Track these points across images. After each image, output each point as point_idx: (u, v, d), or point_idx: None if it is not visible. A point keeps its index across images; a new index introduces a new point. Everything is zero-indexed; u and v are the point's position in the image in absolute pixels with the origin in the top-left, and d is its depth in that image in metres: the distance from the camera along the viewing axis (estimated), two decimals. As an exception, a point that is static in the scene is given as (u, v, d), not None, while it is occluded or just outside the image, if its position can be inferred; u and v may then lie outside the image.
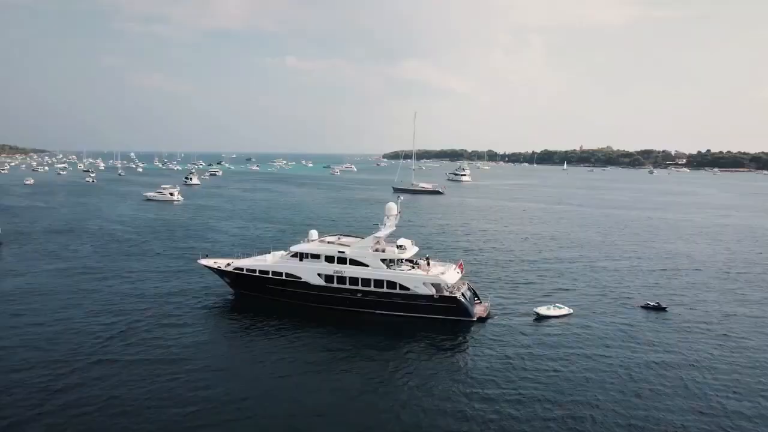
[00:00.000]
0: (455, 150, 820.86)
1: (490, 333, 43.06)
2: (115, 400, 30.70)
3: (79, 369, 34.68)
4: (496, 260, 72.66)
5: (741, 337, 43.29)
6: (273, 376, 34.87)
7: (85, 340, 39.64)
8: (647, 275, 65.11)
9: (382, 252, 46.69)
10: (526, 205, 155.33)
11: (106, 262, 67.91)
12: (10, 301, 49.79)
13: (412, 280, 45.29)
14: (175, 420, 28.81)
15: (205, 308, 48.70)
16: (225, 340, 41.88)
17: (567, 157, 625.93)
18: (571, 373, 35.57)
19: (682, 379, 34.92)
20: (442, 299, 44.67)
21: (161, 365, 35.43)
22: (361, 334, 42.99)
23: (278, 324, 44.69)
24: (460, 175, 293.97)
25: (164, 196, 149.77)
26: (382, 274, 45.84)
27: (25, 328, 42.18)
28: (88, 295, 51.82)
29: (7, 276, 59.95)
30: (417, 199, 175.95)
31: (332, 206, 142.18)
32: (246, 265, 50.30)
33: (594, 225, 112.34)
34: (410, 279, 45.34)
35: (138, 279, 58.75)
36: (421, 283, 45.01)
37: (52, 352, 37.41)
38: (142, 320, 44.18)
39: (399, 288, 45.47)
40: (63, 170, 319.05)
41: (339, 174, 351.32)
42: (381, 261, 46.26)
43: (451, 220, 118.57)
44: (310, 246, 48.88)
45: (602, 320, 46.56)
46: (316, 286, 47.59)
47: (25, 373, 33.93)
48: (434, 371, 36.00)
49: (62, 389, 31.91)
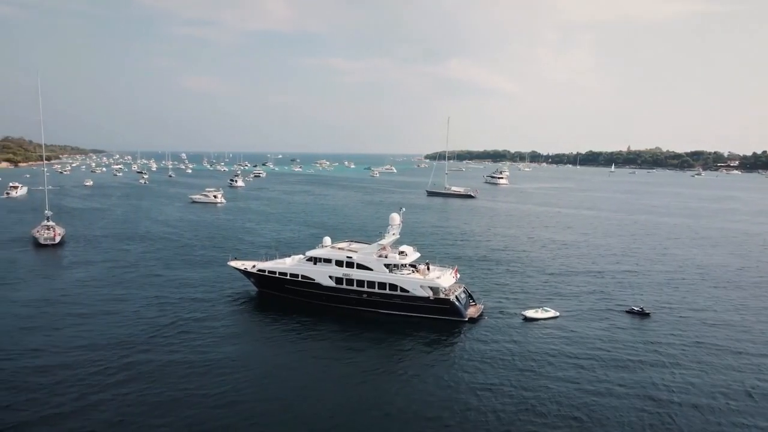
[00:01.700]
0: (498, 151, 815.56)
1: (478, 332, 48.13)
2: (157, 384, 37.41)
3: (126, 357, 41.84)
4: (507, 265, 76.89)
5: (714, 344, 46.69)
6: (288, 363, 41.22)
7: (132, 332, 46.73)
8: (650, 283, 68.03)
9: (385, 257, 52.44)
10: (556, 210, 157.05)
11: (151, 261, 76.28)
12: (69, 295, 58.26)
13: (411, 283, 50.84)
14: (208, 396, 35.37)
15: (233, 305, 55.64)
16: (249, 333, 48.51)
17: (612, 159, 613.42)
18: (540, 368, 40.37)
19: (636, 380, 39.21)
20: (437, 301, 50.03)
21: (194, 355, 42.05)
22: (365, 331, 48.76)
23: (295, 319, 51.07)
24: (497, 178, 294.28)
25: (208, 198, 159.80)
26: (384, 277, 51.61)
27: (77, 320, 50.13)
28: (133, 291, 59.68)
29: (69, 272, 69.00)
30: (449, 203, 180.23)
31: (364, 210, 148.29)
32: (268, 267, 57.09)
33: (618, 232, 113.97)
34: (409, 282, 50.90)
35: (178, 277, 66.47)
36: (419, 286, 50.51)
37: (101, 343, 44.63)
38: (180, 315, 51.35)
39: (399, 290, 51.11)
40: (119, 171, 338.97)
41: (378, 176, 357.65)
42: (384, 266, 52.03)
43: (475, 224, 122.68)
44: (322, 251, 55.21)
45: (584, 323, 50.75)
46: (328, 287, 53.83)
47: (78, 356, 41.51)
48: (426, 363, 41.58)
49: (110, 377, 39.09)
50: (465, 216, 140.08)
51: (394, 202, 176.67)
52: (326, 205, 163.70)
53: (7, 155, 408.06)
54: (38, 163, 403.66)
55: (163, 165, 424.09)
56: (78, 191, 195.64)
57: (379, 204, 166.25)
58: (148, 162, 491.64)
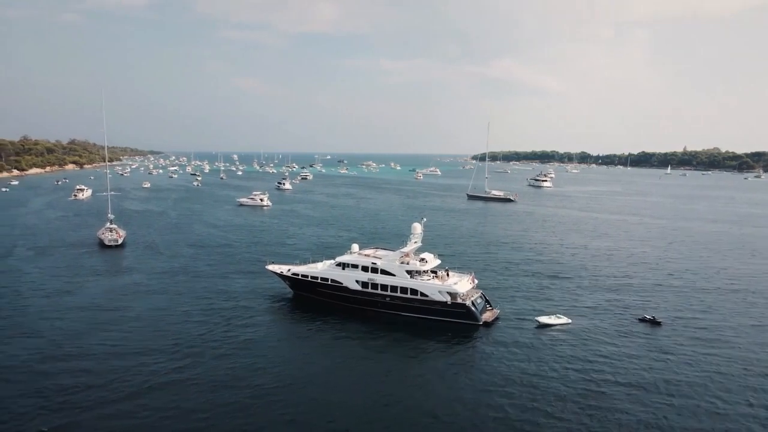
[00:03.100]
0: (546, 152, 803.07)
1: (491, 336, 51.78)
2: (209, 373, 43.28)
3: (175, 351, 47.91)
4: (534, 272, 79.37)
5: (721, 362, 48.75)
6: (318, 358, 46.27)
7: (182, 330, 52.72)
8: (674, 292, 69.18)
9: (407, 264, 56.82)
10: (596, 216, 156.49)
11: (200, 263, 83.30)
12: (126, 294, 65.60)
13: (430, 288, 55.02)
14: (252, 382, 40.88)
15: (271, 305, 61.31)
16: (284, 332, 53.97)
17: (667, 160, 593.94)
18: (542, 371, 43.80)
19: (629, 382, 42.10)
20: (453, 305, 53.99)
21: (238, 349, 47.63)
22: (388, 331, 53.13)
23: (324, 320, 56.12)
24: (540, 181, 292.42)
25: (255, 201, 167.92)
26: (406, 282, 55.99)
27: (130, 317, 56.93)
28: (183, 291, 66.26)
29: (127, 273, 76.66)
30: (489, 207, 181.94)
31: (402, 214, 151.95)
32: (301, 271, 62.52)
33: (656, 240, 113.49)
34: (429, 287, 55.09)
35: (223, 278, 72.87)
36: (437, 291, 54.62)
37: (153, 339, 51.00)
38: (222, 315, 57.18)
39: (419, 294, 55.36)
40: (174, 173, 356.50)
41: (421, 178, 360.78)
42: (406, 271, 56.39)
43: (511, 229, 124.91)
44: (350, 257, 60.10)
45: (595, 330, 53.47)
46: (354, 290, 58.70)
47: (134, 352, 47.93)
48: (441, 363, 45.80)
49: (163, 368, 45.26)
50: (502, 221, 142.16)
51: (433, 206, 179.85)
52: (367, 208, 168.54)
53: (73, 157, 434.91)
54: (101, 164, 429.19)
55: (216, 167, 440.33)
56: (137, 193, 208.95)
57: (418, 208, 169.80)
58: (201, 164, 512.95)
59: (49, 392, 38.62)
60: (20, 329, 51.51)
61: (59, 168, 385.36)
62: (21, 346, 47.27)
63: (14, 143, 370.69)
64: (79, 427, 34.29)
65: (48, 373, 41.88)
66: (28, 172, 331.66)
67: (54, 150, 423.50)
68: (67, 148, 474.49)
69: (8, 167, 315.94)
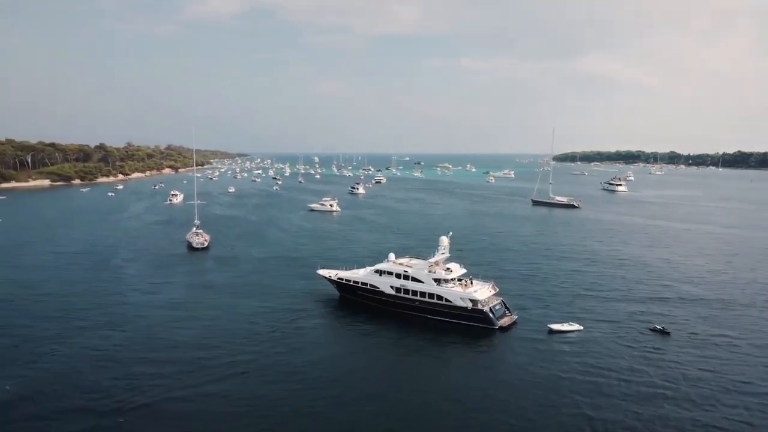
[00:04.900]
0: (631, 152, 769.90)
1: (504, 339, 58.67)
2: (273, 364, 53.76)
3: (244, 344, 58.77)
4: (572, 282, 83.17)
5: (715, 371, 52.81)
6: (359, 351, 55.86)
7: (250, 326, 62.90)
8: (711, 306, 71.34)
9: (434, 273, 64.78)
10: (662, 224, 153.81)
11: (269, 265, 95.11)
12: (207, 291, 78.14)
13: (453, 294, 62.64)
14: (308, 373, 50.79)
15: (319, 305, 71.36)
16: (332, 329, 63.93)
17: (766, 159, 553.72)
18: (541, 372, 50.38)
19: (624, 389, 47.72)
20: (473, 311, 61.29)
21: (292, 342, 57.65)
22: (417, 331, 61.42)
23: (364, 319, 65.32)
24: (615, 185, 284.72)
25: (325, 207, 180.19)
26: (433, 289, 63.95)
27: (208, 314, 68.80)
28: (253, 291, 77.49)
29: (210, 273, 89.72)
30: (552, 213, 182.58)
31: (461, 221, 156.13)
32: (345, 276, 72.06)
33: (716, 251, 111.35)
34: (452, 294, 62.73)
35: (286, 280, 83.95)
36: (459, 298, 62.13)
37: (225, 334, 61.97)
38: (284, 313, 67.29)
39: (444, 300, 63.10)
40: (257, 177, 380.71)
41: (493, 181, 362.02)
42: (433, 279, 64.36)
43: (565, 238, 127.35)
44: (386, 265, 68.91)
45: (603, 338, 58.72)
46: (389, 294, 67.39)
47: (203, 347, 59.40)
48: (459, 359, 54.04)
49: (235, 360, 56.30)
50: (559, 229, 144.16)
51: (495, 212, 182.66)
52: (431, 214, 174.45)
53: (170, 162, 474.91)
54: (193, 168, 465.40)
55: (297, 170, 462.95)
56: (222, 198, 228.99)
57: (479, 215, 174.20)
58: (283, 167, 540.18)
59: (137, 376, 48.78)
60: (119, 322, 63.72)
61: (157, 172, 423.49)
62: (118, 336, 58.99)
63: (120, 149, 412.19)
64: (160, 408, 43.39)
65: (137, 360, 52.28)
66: (131, 176, 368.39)
67: (153, 155, 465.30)
68: (164, 153, 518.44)
69: (114, 172, 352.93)
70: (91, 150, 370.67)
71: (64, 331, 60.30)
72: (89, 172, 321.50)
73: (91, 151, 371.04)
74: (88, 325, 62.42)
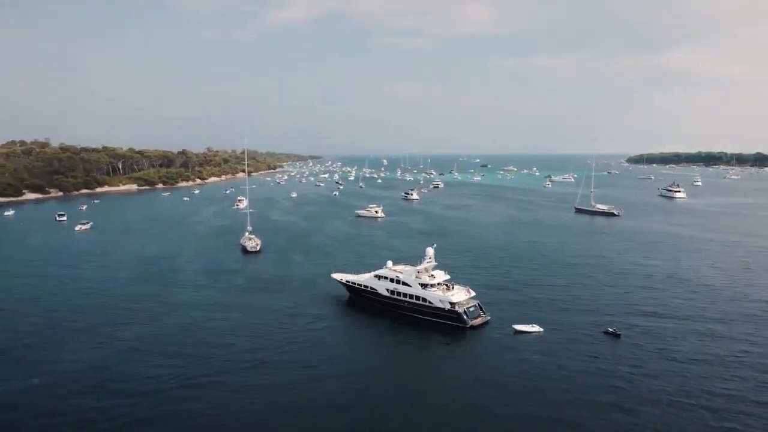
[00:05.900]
0: (712, 153, 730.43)
1: (472, 336, 70.15)
2: (288, 351, 68.83)
3: (274, 340, 74.11)
4: (576, 295, 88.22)
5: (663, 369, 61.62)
6: (360, 342, 69.99)
7: (278, 323, 76.83)
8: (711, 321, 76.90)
9: (420, 278, 77.21)
10: (700, 236, 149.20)
11: (307, 268, 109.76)
12: (252, 290, 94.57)
13: (434, 297, 74.70)
14: (324, 361, 65.40)
15: (332, 304, 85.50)
16: (340, 324, 77.56)
17: None
18: (497, 365, 61.83)
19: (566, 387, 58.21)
20: (450, 311, 73.10)
21: (307, 334, 71.54)
22: (405, 326, 74.28)
23: (368, 317, 78.86)
24: (673, 191, 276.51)
25: (370, 213, 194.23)
26: (418, 292, 76.25)
27: (249, 314, 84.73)
28: (288, 290, 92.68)
29: (261, 275, 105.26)
30: (594, 222, 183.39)
31: (496, 229, 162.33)
32: (352, 279, 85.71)
33: (738, 264, 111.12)
34: (433, 297, 74.79)
35: (317, 281, 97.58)
36: (438, 300, 74.14)
37: (259, 332, 77.20)
38: (307, 312, 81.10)
39: (427, 302, 75.35)
40: (321, 182, 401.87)
41: (550, 186, 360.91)
42: (419, 284, 76.75)
43: (590, 249, 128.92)
44: (383, 270, 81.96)
45: (559, 339, 68.66)
46: (385, 296, 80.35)
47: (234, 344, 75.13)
48: (433, 352, 66.94)
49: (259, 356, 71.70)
50: (591, 238, 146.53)
51: (536, 219, 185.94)
52: (473, 221, 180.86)
53: (243, 166, 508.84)
54: (265, 172, 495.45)
55: (362, 173, 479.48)
56: (283, 204, 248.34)
57: (520, 223, 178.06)
58: (349, 170, 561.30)
59: (183, 358, 63.94)
60: (173, 316, 79.20)
61: (231, 176, 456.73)
62: (171, 331, 74.16)
63: (199, 155, 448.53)
64: (175, 394, 53.61)
65: (185, 350, 66.92)
66: (207, 180, 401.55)
67: (228, 160, 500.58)
68: (239, 157, 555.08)
69: (193, 177, 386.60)
70: (173, 155, 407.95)
71: (109, 326, 74.02)
72: (171, 177, 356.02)
73: (174, 156, 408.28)
74: (142, 319, 77.73)
